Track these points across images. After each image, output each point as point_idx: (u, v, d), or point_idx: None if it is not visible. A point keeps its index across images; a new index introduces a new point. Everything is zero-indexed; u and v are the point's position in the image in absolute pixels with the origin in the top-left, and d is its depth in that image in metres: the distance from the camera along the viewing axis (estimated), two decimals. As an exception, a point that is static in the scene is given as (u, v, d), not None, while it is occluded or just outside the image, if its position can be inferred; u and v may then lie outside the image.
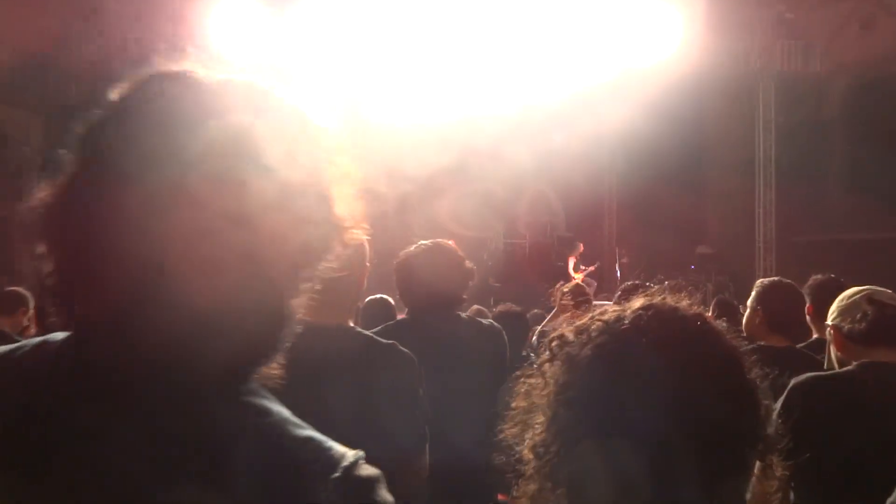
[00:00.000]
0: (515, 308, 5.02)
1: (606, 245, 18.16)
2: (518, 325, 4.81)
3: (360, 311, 4.96)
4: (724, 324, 1.15)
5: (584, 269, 16.21)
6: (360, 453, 0.89)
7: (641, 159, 16.07)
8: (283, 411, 0.90)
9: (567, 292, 5.39)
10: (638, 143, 15.86)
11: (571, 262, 16.37)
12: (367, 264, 2.41)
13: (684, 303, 1.15)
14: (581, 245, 16.68)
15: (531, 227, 18.27)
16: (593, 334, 1.11)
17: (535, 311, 7.89)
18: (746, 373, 1.09)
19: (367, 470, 0.88)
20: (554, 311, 5.47)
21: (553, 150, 16.58)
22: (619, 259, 16.63)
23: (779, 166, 14.74)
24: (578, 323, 1.16)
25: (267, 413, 0.89)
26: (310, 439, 0.88)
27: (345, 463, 0.86)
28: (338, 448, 0.89)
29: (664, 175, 16.45)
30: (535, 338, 4.87)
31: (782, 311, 3.45)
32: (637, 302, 1.14)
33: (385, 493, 0.87)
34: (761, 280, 3.70)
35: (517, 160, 16.68)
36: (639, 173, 16.40)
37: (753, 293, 3.59)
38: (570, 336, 1.14)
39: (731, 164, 15.94)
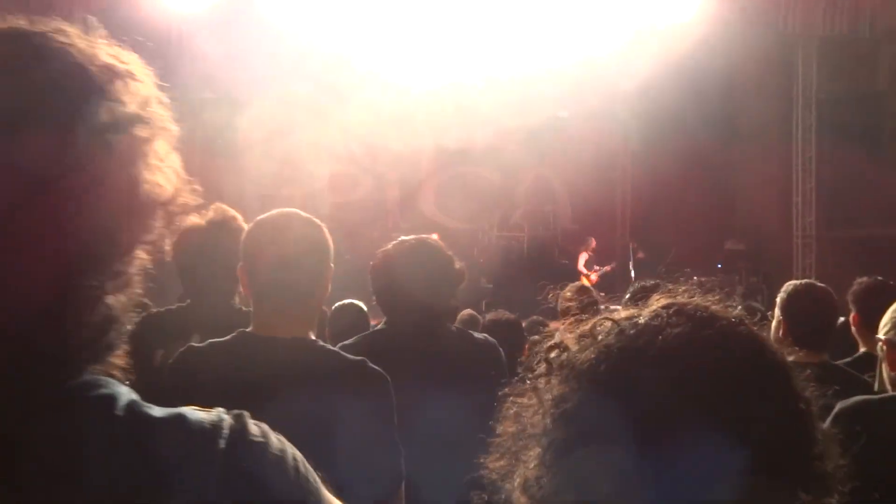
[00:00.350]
0: (509, 315, 5.00)
1: (619, 239, 18.25)
2: (512, 336, 4.78)
3: (328, 319, 4.93)
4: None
5: (598, 269, 16.21)
6: (240, 416, 0.95)
7: (660, 138, 16.12)
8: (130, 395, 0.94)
9: (570, 295, 5.37)
10: (656, 119, 15.87)
11: (582, 260, 16.38)
12: (332, 265, 2.39)
13: (714, 302, 1.08)
14: (593, 240, 16.67)
15: (530, 218, 18.29)
16: (599, 336, 1.05)
17: (534, 317, 7.88)
18: (798, 391, 1.02)
19: (254, 431, 0.94)
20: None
21: (557, 127, 16.61)
22: (634, 255, 16.78)
23: (821, 148, 14.84)
24: (582, 328, 1.09)
25: (112, 402, 0.91)
26: (170, 419, 0.92)
27: (224, 433, 0.92)
28: (207, 416, 0.93)
29: (687, 157, 16.51)
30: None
31: (808, 322, 3.45)
32: (656, 301, 1.09)
33: (288, 458, 0.94)
34: (788, 284, 3.69)
35: (515, 138, 16.69)
36: (657, 154, 16.46)
37: (778, 299, 3.61)
38: (572, 343, 1.08)
39: (765, 144, 16.06)
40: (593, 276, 15.83)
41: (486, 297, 15.82)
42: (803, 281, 3.73)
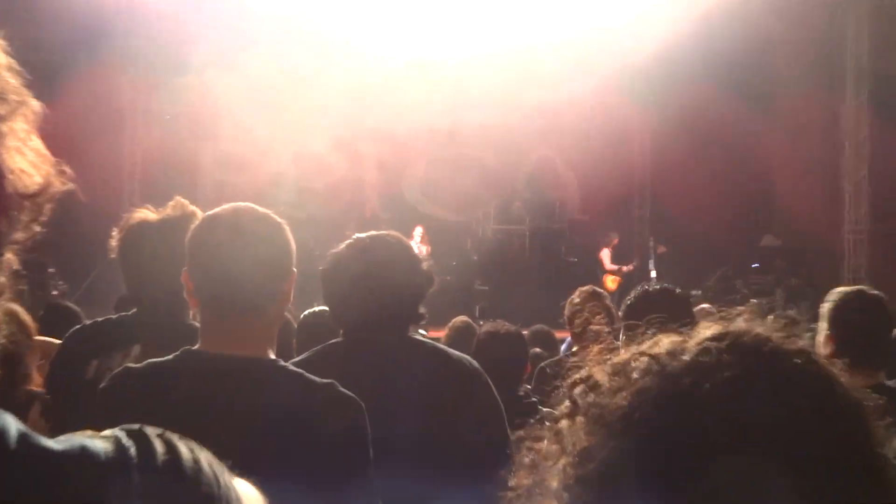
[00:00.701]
0: (509, 327, 4.96)
1: (636, 232, 18.24)
2: (512, 353, 4.75)
3: (296, 330, 4.91)
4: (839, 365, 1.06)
5: (617, 269, 16.17)
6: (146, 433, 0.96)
7: (683, 115, 16.17)
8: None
9: (579, 301, 5.36)
10: (678, 93, 15.90)
11: (607, 258, 16.34)
12: (294, 269, 2.39)
13: (777, 331, 1.04)
14: (615, 236, 16.62)
15: (532, 209, 18.36)
16: (634, 375, 1.01)
17: (538, 326, 7.87)
18: (875, 442, 0.98)
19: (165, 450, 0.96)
20: (572, 335, 5.38)
21: (563, 103, 16.58)
22: (654, 251, 16.85)
23: (874, 128, 14.85)
24: (616, 359, 1.06)
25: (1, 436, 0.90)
26: (70, 452, 0.91)
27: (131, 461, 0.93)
28: (107, 445, 0.94)
29: (715, 137, 16.55)
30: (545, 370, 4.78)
31: (860, 337, 3.41)
32: (705, 329, 1.04)
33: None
34: (834, 291, 3.69)
35: (514, 116, 16.67)
36: (681, 132, 16.49)
37: (823, 309, 3.59)
38: (603, 378, 1.05)
39: (808, 123, 16.09)
40: (613, 278, 15.85)
41: (481, 302, 15.83)
42: (853, 287, 3.72)
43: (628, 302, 4.08)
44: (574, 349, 5.49)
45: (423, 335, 7.44)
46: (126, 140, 17.03)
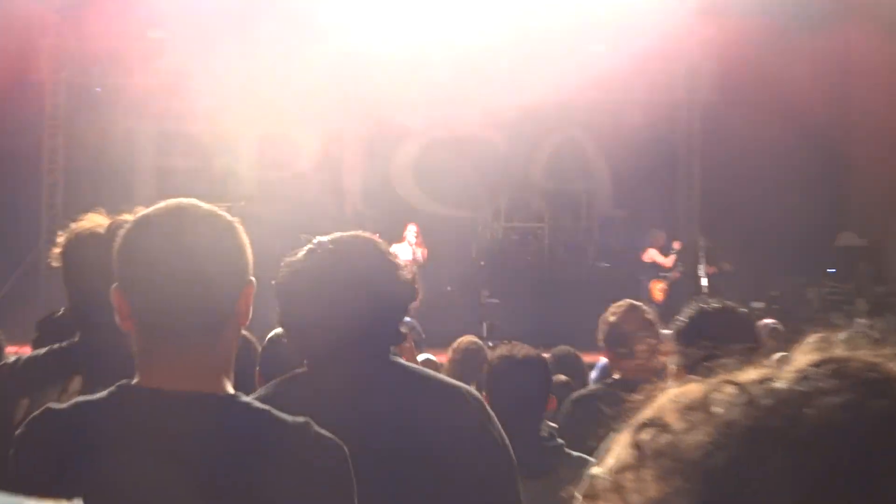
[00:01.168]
0: (527, 350, 4.92)
1: (683, 229, 18.21)
2: (532, 383, 4.72)
3: (259, 356, 4.93)
4: None
5: (668, 274, 16.18)
6: None
7: (740, 85, 16.31)
8: None
9: (615, 319, 5.35)
10: (734, 59, 15.96)
11: (654, 257, 16.35)
12: (251, 279, 2.40)
13: (891, 358, 1.06)
14: (662, 234, 16.61)
15: (554, 203, 18.44)
16: (716, 409, 1.03)
17: (562, 349, 7.89)
18: None
19: None
20: (611, 360, 5.35)
21: (590, 69, 16.60)
22: (708, 259, 16.66)
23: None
24: (685, 391, 1.08)
25: None
26: None
27: None
28: None
29: (779, 112, 16.60)
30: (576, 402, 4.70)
31: None
32: (802, 354, 1.07)
33: None
34: None
35: (530, 87, 16.69)
36: (735, 110, 16.61)
37: None
38: (674, 419, 1.06)
39: (893, 97, 16.20)
40: (661, 287, 15.88)
41: (491, 318, 15.85)
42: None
43: (681, 323, 4.06)
44: (613, 377, 5.50)
45: (431, 360, 7.44)
46: (46, 119, 17.17)
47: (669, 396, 1.09)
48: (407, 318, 3.95)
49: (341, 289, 2.99)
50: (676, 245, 16.44)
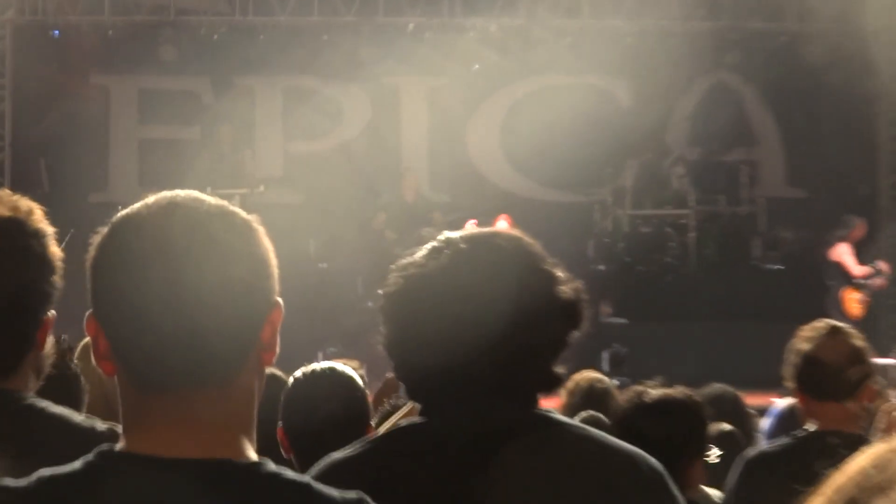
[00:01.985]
0: (675, 394, 4.99)
1: (885, 216, 18.11)
2: (682, 435, 4.86)
3: (282, 405, 5.06)
4: None
5: (865, 280, 16.15)
6: None
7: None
8: None
9: (809, 345, 5.32)
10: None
11: (850, 259, 16.37)
12: (278, 300, 2.33)
13: None
14: (861, 223, 16.55)
15: (701, 179, 18.22)
16: None
17: (717, 388, 8.11)
18: None
19: None
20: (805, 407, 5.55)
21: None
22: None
23: None
24: None
25: None
26: None
27: None
28: None
29: None
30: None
31: None
32: None
33: None
34: None
35: (660, 17, 16.76)
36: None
37: None
38: None
39: None
40: (859, 298, 15.86)
41: (614, 344, 15.91)
42: None
43: None
44: (806, 427, 5.55)
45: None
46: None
47: None
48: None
49: (477, 307, 3.02)
50: (884, 267, 16.58)
